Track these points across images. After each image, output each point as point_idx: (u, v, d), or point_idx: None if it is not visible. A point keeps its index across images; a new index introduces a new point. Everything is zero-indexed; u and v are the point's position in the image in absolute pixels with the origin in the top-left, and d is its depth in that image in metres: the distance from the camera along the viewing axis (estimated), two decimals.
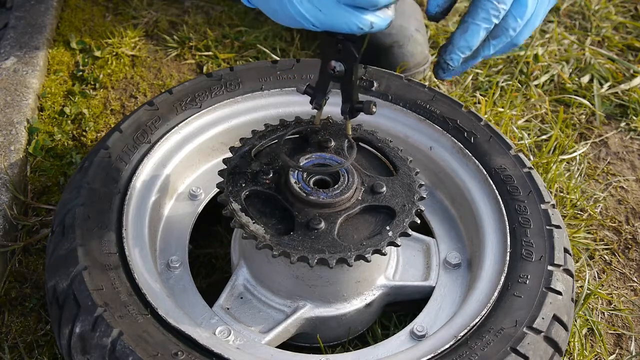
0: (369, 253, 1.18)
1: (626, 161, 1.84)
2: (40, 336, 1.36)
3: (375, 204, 1.25)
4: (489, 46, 1.15)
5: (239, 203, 1.21)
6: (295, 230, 1.19)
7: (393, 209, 1.24)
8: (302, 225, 1.19)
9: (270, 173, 1.25)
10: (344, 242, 1.19)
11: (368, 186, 1.27)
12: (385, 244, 1.19)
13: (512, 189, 1.39)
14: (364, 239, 1.20)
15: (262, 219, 1.20)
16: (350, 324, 1.32)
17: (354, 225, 1.23)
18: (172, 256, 1.35)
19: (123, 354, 1.10)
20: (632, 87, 1.99)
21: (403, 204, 1.25)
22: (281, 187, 1.23)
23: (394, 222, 1.22)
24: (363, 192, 1.26)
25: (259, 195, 1.23)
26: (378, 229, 1.22)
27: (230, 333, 1.23)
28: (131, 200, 1.32)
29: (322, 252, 1.17)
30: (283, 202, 1.22)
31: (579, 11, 2.26)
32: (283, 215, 1.22)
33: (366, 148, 1.35)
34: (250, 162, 1.27)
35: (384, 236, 1.20)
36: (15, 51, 1.82)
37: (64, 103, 1.80)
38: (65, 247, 1.24)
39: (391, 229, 1.21)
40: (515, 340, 1.17)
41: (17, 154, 1.58)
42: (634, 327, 1.48)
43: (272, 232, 1.19)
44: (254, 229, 1.19)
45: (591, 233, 1.64)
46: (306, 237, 1.18)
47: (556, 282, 1.26)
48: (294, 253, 1.16)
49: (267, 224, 1.20)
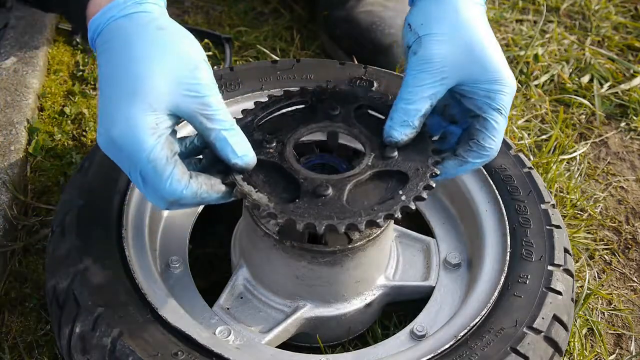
0: (380, 218, 1.12)
1: (626, 161, 1.84)
2: (40, 336, 1.36)
3: (387, 168, 1.18)
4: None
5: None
6: (301, 198, 1.13)
7: (406, 174, 1.16)
8: (309, 192, 1.14)
9: (273, 142, 1.20)
10: (353, 207, 1.13)
11: (379, 151, 1.20)
12: (398, 209, 1.12)
13: (512, 189, 1.39)
14: (375, 204, 1.13)
15: (266, 188, 1.15)
16: (350, 324, 1.32)
17: (364, 191, 1.16)
18: (172, 256, 1.35)
19: (123, 354, 1.10)
20: (632, 87, 1.99)
21: (416, 167, 1.17)
22: (286, 156, 1.19)
23: (407, 187, 1.15)
24: (373, 158, 1.19)
25: (262, 165, 1.17)
26: (390, 194, 1.15)
27: (230, 333, 1.23)
28: (131, 200, 1.32)
29: (331, 218, 1.11)
30: (288, 170, 1.17)
31: (579, 11, 2.26)
32: (288, 183, 1.16)
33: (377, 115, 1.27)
34: (252, 132, 1.21)
35: (396, 200, 1.13)
36: (15, 51, 1.82)
37: (64, 103, 1.80)
38: (65, 247, 1.24)
39: (404, 193, 1.14)
40: (515, 340, 1.17)
41: (17, 154, 1.58)
42: (634, 327, 1.48)
43: (277, 200, 1.13)
44: (257, 197, 1.13)
45: (591, 233, 1.64)
46: (313, 204, 1.12)
47: (556, 282, 1.26)
48: (300, 220, 1.11)
49: (271, 193, 1.14)
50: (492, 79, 1.15)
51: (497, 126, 1.17)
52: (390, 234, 1.35)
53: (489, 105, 1.16)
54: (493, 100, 1.16)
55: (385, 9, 1.93)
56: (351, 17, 1.92)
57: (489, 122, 1.17)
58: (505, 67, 1.17)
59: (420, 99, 1.15)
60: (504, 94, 1.16)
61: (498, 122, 1.17)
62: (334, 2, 1.96)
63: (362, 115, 1.26)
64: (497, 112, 1.17)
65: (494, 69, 1.15)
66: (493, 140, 1.17)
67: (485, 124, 1.17)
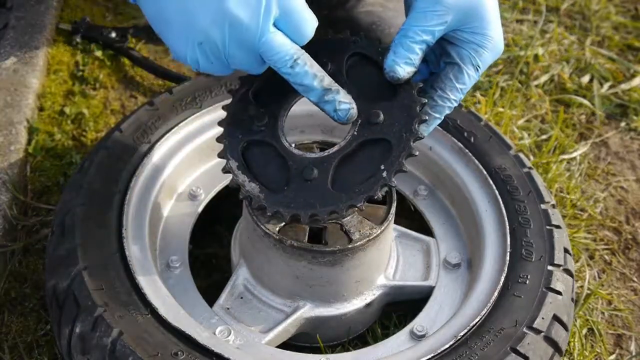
0: (361, 202, 1.09)
1: (626, 161, 1.84)
2: (40, 336, 1.36)
3: (371, 137, 1.12)
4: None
5: (236, 160, 1.18)
6: (290, 183, 1.14)
7: (389, 142, 1.11)
8: (297, 175, 1.13)
9: (265, 118, 1.18)
10: (337, 190, 1.12)
11: (365, 117, 1.13)
12: (378, 188, 1.09)
13: (512, 189, 1.39)
14: (358, 184, 1.10)
15: (260, 171, 1.16)
16: (350, 324, 1.32)
17: (350, 167, 1.13)
18: (172, 256, 1.36)
19: (123, 354, 1.10)
20: (632, 87, 1.99)
21: (400, 133, 1.10)
22: (276, 133, 1.18)
23: (389, 159, 1.09)
24: (359, 126, 1.13)
25: (256, 144, 1.18)
26: (374, 168, 1.10)
27: (230, 333, 1.23)
28: (131, 200, 1.32)
29: (314, 207, 1.11)
30: (278, 148, 1.16)
31: (579, 11, 2.26)
32: (280, 163, 1.17)
33: (368, 62, 1.19)
34: (247, 106, 1.19)
35: (377, 178, 1.09)
36: (15, 51, 1.82)
37: (64, 103, 1.80)
38: (65, 247, 1.24)
39: (386, 168, 1.09)
40: (515, 340, 1.17)
41: (17, 154, 1.58)
42: (634, 327, 1.48)
43: (267, 190, 1.14)
44: (250, 188, 1.15)
45: (591, 233, 1.64)
46: (300, 190, 1.12)
47: (556, 282, 1.26)
48: (287, 212, 1.12)
49: (263, 179, 1.16)
50: (486, 35, 1.16)
51: (468, 81, 1.18)
52: (390, 233, 1.35)
53: (470, 59, 1.17)
54: (477, 54, 1.17)
55: (385, 9, 1.93)
56: (351, 17, 1.92)
57: (463, 74, 1.17)
58: (500, 29, 1.19)
59: (423, 39, 1.14)
60: (489, 53, 1.17)
61: (470, 77, 1.18)
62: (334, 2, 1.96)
63: (354, 68, 1.20)
64: (474, 67, 1.18)
65: (491, 27, 1.17)
66: (459, 92, 1.18)
67: (459, 75, 1.18)
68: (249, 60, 1.10)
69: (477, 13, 1.16)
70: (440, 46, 1.20)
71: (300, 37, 1.10)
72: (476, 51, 1.17)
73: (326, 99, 1.12)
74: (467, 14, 1.15)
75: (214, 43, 1.07)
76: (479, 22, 1.16)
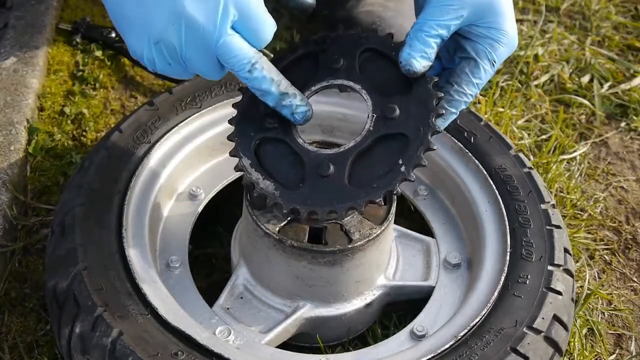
0: (379, 197, 1.08)
1: (626, 161, 1.84)
2: (40, 336, 1.36)
3: (388, 132, 1.12)
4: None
5: (249, 157, 1.16)
6: (305, 180, 1.13)
7: (407, 136, 1.10)
8: (312, 172, 1.13)
9: (277, 115, 1.16)
10: (355, 186, 1.11)
11: (380, 112, 1.13)
12: (397, 183, 1.08)
13: (512, 188, 1.39)
14: (376, 179, 1.09)
15: (274, 169, 1.15)
16: (350, 324, 1.32)
17: (367, 162, 1.13)
18: (172, 256, 1.35)
19: (123, 354, 1.10)
20: (632, 87, 1.99)
21: (417, 127, 1.10)
22: (289, 130, 1.17)
23: (407, 153, 1.09)
24: (375, 121, 1.13)
25: (269, 141, 1.17)
26: (392, 163, 1.10)
27: (230, 333, 1.23)
28: (131, 200, 1.32)
29: (331, 204, 1.10)
30: (292, 145, 1.16)
31: (579, 11, 2.26)
32: (293, 160, 1.16)
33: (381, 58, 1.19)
34: (258, 103, 1.17)
35: (396, 173, 1.08)
36: (15, 51, 1.82)
37: (64, 103, 1.79)
38: (65, 247, 1.24)
39: (404, 162, 1.08)
40: (515, 340, 1.17)
41: (17, 154, 1.58)
42: (634, 327, 1.48)
43: (282, 187, 1.14)
44: (264, 185, 1.14)
45: (591, 233, 1.64)
46: (316, 186, 1.12)
47: (556, 282, 1.26)
48: (304, 209, 1.11)
49: (277, 176, 1.15)
50: (502, 30, 1.17)
51: (484, 75, 1.19)
52: (390, 234, 1.35)
53: (486, 54, 1.18)
54: (493, 49, 1.17)
55: (385, 9, 1.93)
56: (351, 17, 1.92)
57: (479, 69, 1.18)
58: (515, 24, 1.19)
59: (439, 33, 1.14)
60: (505, 47, 1.18)
61: (486, 72, 1.19)
62: (334, 2, 1.96)
63: (367, 63, 1.19)
64: (490, 62, 1.18)
65: (507, 22, 1.17)
66: (475, 87, 1.19)
67: (475, 69, 1.18)
68: (207, 63, 1.09)
69: (492, 8, 1.16)
70: (454, 41, 1.20)
71: (258, 41, 1.09)
72: (492, 46, 1.17)
73: (284, 104, 1.13)
74: (483, 8, 1.15)
75: (171, 44, 1.06)
76: (495, 16, 1.16)
